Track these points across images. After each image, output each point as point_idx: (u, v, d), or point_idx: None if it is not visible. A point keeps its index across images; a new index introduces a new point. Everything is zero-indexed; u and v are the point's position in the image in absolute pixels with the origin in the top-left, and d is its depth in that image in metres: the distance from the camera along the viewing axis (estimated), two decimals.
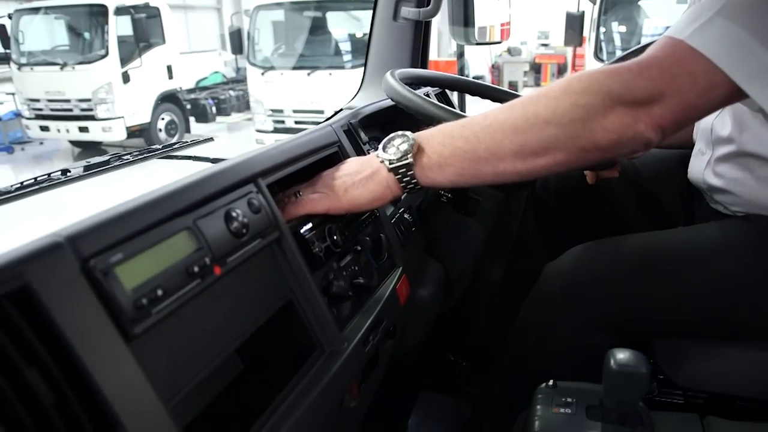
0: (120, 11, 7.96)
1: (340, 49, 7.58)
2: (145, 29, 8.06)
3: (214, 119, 10.70)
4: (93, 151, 8.38)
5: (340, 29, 7.70)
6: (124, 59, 8.13)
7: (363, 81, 1.50)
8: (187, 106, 9.74)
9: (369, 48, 1.49)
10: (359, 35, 7.48)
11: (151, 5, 8.34)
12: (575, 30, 6.63)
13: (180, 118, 9.29)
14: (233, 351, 0.63)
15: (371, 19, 1.47)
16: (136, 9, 8.04)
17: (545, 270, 1.06)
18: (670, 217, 1.26)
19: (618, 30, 6.91)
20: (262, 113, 7.58)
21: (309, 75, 7.23)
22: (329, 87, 7.01)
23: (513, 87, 11.75)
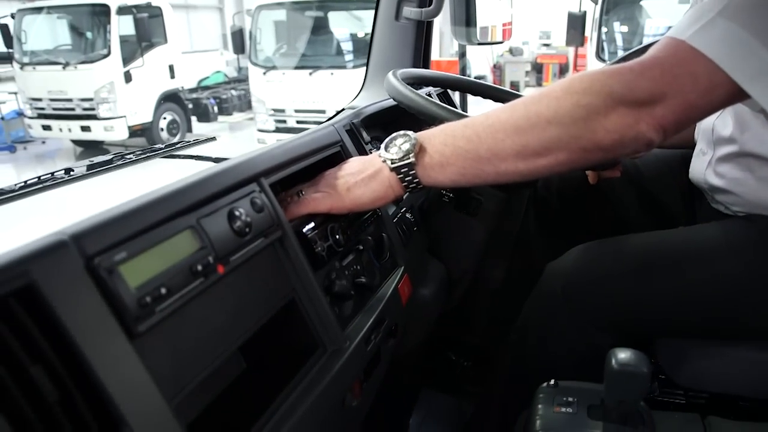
0: (122, 11, 7.97)
1: (341, 49, 7.58)
2: (147, 29, 8.07)
3: (215, 119, 10.70)
4: (95, 151, 8.38)
5: (341, 29, 7.70)
6: (126, 59, 8.15)
7: (365, 81, 1.50)
8: (189, 105, 9.75)
9: (371, 48, 1.50)
10: (361, 35, 7.48)
11: (153, 5, 8.35)
12: (577, 30, 6.62)
13: (182, 117, 9.30)
14: (236, 349, 0.63)
15: (373, 19, 1.47)
16: (138, 8, 8.04)
17: (547, 270, 1.06)
18: (671, 217, 1.26)
19: (620, 30, 6.90)
20: (263, 113, 7.58)
21: (311, 75, 7.23)
22: (331, 87, 7.01)
23: (515, 87, 11.75)
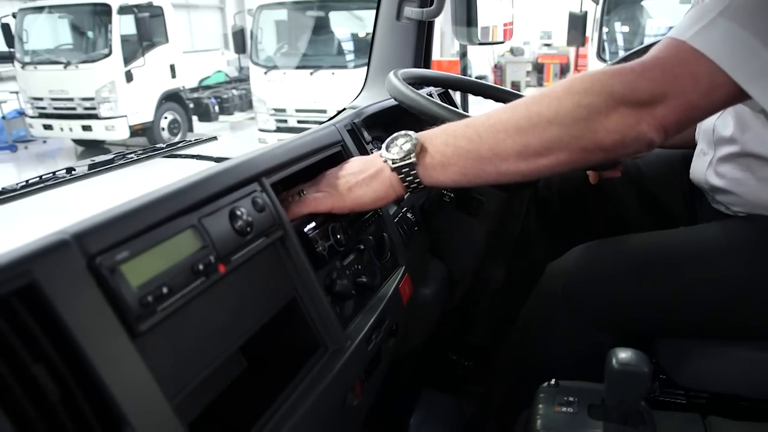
0: (123, 10, 7.98)
1: (342, 49, 7.58)
2: (149, 28, 8.08)
3: (216, 118, 10.71)
4: (96, 150, 8.39)
5: (342, 29, 7.71)
6: (127, 58, 8.16)
7: (366, 80, 1.50)
8: (190, 105, 9.76)
9: (372, 48, 1.50)
10: (362, 35, 7.49)
11: (155, 4, 8.36)
12: (578, 30, 6.61)
13: (183, 117, 9.31)
14: (237, 349, 0.63)
15: (374, 19, 1.47)
16: (139, 8, 8.05)
17: (547, 269, 1.06)
18: (672, 217, 1.26)
19: (621, 30, 6.90)
20: (264, 112, 7.59)
21: (312, 74, 7.23)
22: (332, 86, 7.01)
23: (516, 87, 11.75)
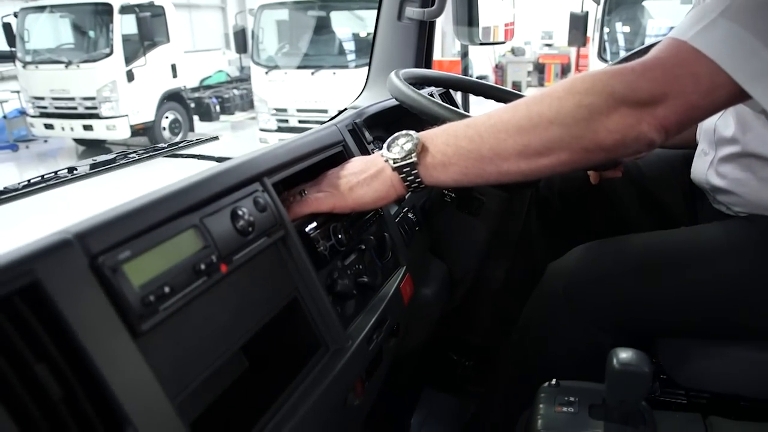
0: (125, 10, 7.99)
1: (343, 49, 7.58)
2: (150, 28, 8.08)
3: (217, 118, 10.71)
4: (97, 150, 8.39)
5: (344, 29, 7.71)
6: (128, 58, 8.16)
7: (367, 80, 1.50)
8: (191, 104, 9.77)
9: (373, 48, 1.50)
10: (363, 35, 7.49)
11: (156, 4, 8.37)
12: (579, 30, 6.61)
13: (184, 116, 9.31)
14: (238, 348, 0.63)
15: (376, 19, 1.47)
16: (140, 8, 8.05)
17: (548, 269, 1.06)
18: (672, 217, 1.26)
19: (622, 30, 6.90)
20: (265, 112, 7.59)
21: (313, 74, 7.24)
22: (333, 86, 7.02)
23: (516, 87, 11.75)
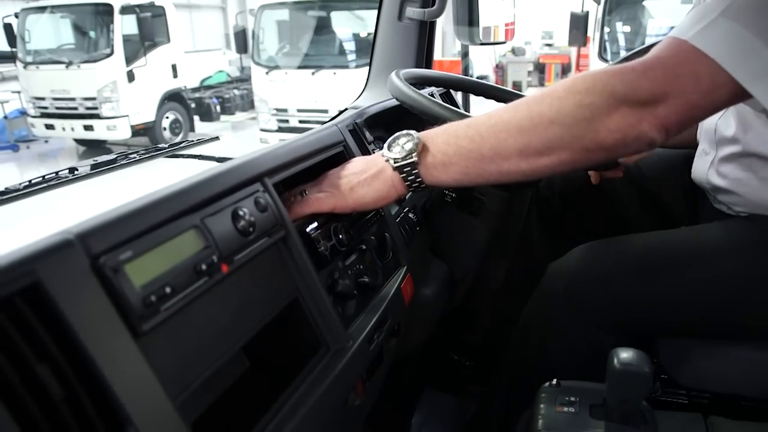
0: (125, 10, 7.99)
1: (344, 49, 7.58)
2: (150, 28, 8.08)
3: (218, 118, 10.72)
4: (98, 150, 8.39)
5: (344, 29, 7.71)
6: (129, 58, 8.16)
7: (368, 81, 1.51)
8: (192, 104, 9.77)
9: (374, 48, 1.50)
10: (363, 35, 7.49)
11: (157, 4, 8.36)
12: (579, 30, 6.61)
13: (184, 116, 9.31)
14: (239, 349, 0.63)
15: (376, 19, 1.47)
16: (141, 8, 8.05)
17: (549, 269, 1.06)
18: (673, 217, 1.26)
19: (622, 30, 6.90)
20: (266, 112, 7.59)
21: (313, 74, 7.24)
22: (333, 86, 7.02)
23: (517, 87, 11.75)
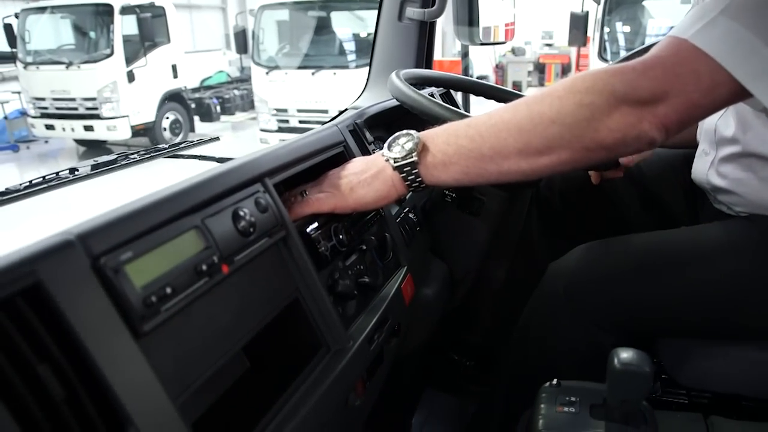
0: (125, 10, 7.99)
1: (344, 49, 7.59)
2: (151, 28, 8.09)
3: (218, 118, 10.71)
4: (98, 150, 8.40)
5: (344, 29, 7.71)
6: (129, 58, 8.17)
7: (368, 81, 1.51)
8: (192, 105, 9.77)
9: (374, 48, 1.50)
10: (363, 35, 7.49)
11: (157, 5, 8.37)
12: (579, 30, 6.61)
13: (184, 117, 9.32)
14: (240, 349, 0.63)
15: (376, 20, 1.47)
16: (141, 8, 8.05)
17: (549, 269, 1.06)
18: (673, 217, 1.26)
19: (622, 30, 6.90)
20: (266, 112, 7.60)
21: (313, 75, 7.24)
22: (333, 87, 7.02)
23: (517, 87, 11.75)
